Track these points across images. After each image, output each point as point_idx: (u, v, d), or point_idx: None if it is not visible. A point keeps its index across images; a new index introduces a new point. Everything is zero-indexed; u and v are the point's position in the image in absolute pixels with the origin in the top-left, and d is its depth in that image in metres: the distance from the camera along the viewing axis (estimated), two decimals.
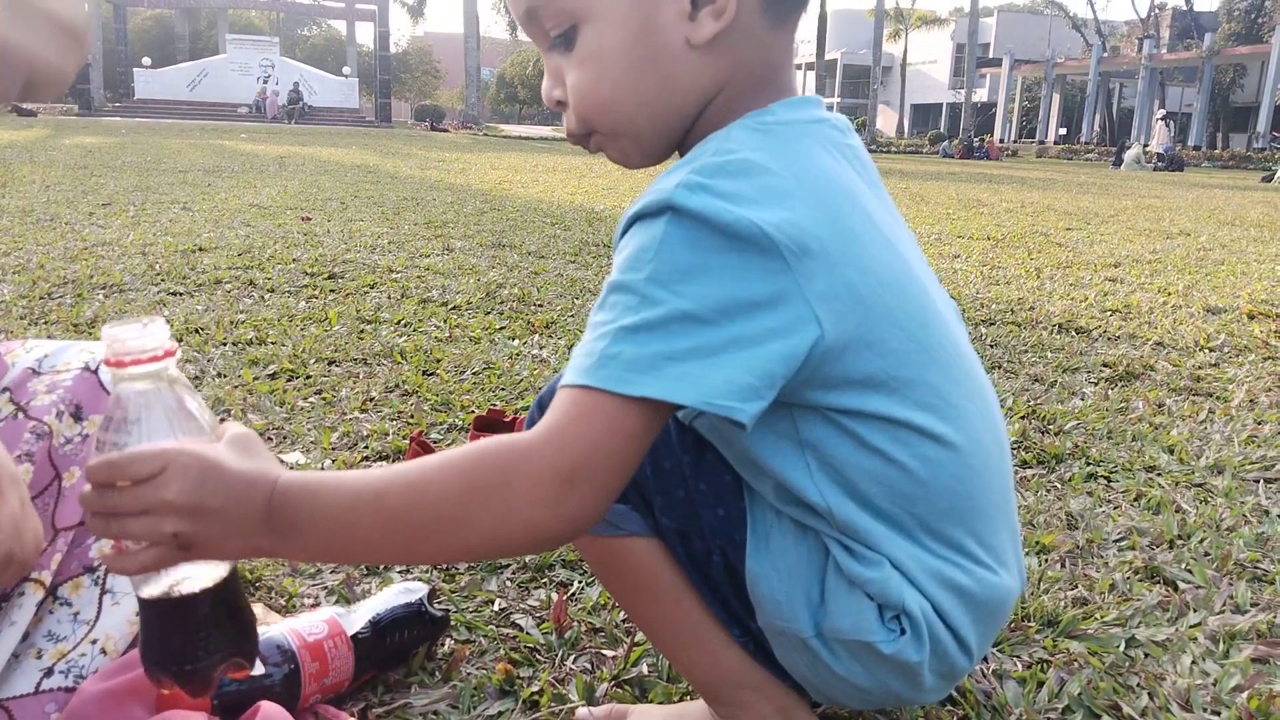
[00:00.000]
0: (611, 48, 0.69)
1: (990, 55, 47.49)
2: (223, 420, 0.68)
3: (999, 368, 2.34)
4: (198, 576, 0.65)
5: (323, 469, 1.49)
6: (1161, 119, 22.86)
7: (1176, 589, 1.24)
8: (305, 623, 0.92)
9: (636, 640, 1.04)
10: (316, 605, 1.11)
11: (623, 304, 0.62)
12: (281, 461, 1.51)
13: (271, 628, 0.91)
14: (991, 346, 2.56)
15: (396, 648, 0.97)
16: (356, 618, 0.96)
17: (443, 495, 0.61)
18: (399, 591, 1.01)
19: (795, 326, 0.63)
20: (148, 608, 0.65)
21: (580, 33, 0.69)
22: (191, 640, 0.65)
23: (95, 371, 0.97)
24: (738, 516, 0.74)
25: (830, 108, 0.80)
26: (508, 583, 1.18)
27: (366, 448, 1.61)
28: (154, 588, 0.64)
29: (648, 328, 0.61)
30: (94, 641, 0.88)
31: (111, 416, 0.63)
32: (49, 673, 0.85)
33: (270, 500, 0.62)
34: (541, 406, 0.81)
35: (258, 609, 1.02)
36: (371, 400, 1.88)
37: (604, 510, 0.62)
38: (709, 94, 0.71)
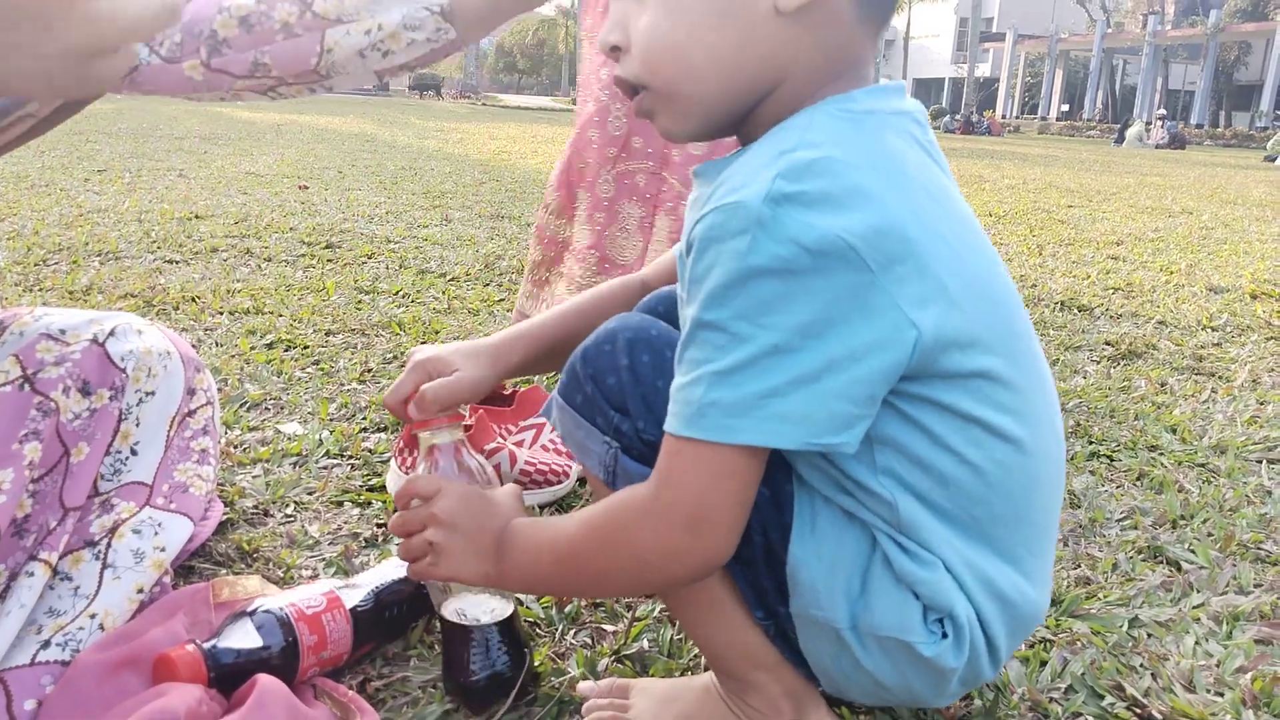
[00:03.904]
0: None
1: (993, 30, 47.13)
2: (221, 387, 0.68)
3: None
4: (491, 610, 0.88)
5: (320, 440, 1.48)
6: (1160, 118, 23.18)
7: (1179, 569, 1.23)
8: (303, 595, 0.91)
9: (637, 615, 1.04)
10: (315, 577, 1.10)
11: (712, 343, 0.62)
12: (279, 431, 1.50)
13: (269, 599, 0.90)
14: None
15: (395, 621, 0.97)
16: (355, 591, 0.95)
17: (589, 554, 0.71)
18: (398, 565, 1.00)
19: (891, 338, 0.62)
20: (450, 630, 0.89)
21: None
22: (469, 658, 0.87)
23: (103, 344, 0.95)
24: (783, 499, 0.72)
25: None
26: None
27: (364, 419, 1.60)
28: (464, 613, 0.88)
29: (740, 368, 0.61)
30: (93, 616, 0.87)
31: (423, 461, 0.89)
32: (45, 644, 0.84)
33: (500, 536, 0.77)
34: (571, 371, 0.80)
35: (255, 581, 1.01)
36: (369, 371, 1.86)
37: (734, 542, 0.68)
38: (783, 69, 0.68)
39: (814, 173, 0.62)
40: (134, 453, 0.97)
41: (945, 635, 0.71)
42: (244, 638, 0.86)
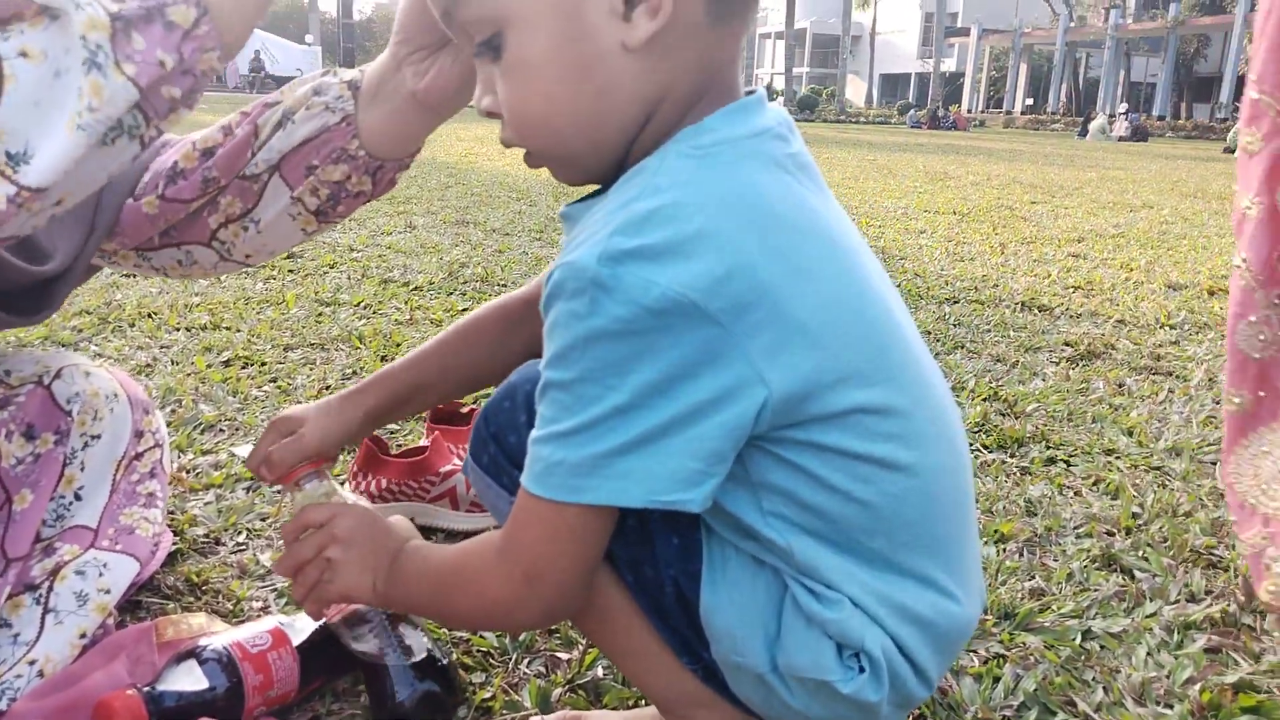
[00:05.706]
0: (539, 56, 0.64)
1: (958, 25, 47.53)
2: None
3: (961, 348, 2.34)
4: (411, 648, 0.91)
5: None
6: (1123, 113, 23.72)
7: (1133, 578, 1.24)
8: (249, 633, 0.90)
9: (591, 644, 1.03)
10: (266, 609, 1.08)
11: (559, 403, 0.62)
12: (233, 454, 1.47)
13: (214, 639, 0.89)
14: (955, 326, 2.56)
15: (344, 655, 0.95)
16: (303, 625, 0.93)
17: (450, 590, 0.74)
18: None
19: (737, 391, 0.61)
20: (370, 667, 0.91)
21: (506, 40, 0.64)
22: (393, 686, 0.89)
23: (48, 387, 0.93)
24: (693, 547, 0.71)
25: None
26: None
27: None
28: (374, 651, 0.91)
29: (584, 429, 0.61)
30: (32, 663, 0.86)
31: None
32: None
33: (394, 556, 0.78)
34: (476, 430, 0.79)
35: (200, 618, 0.99)
36: (328, 388, 1.84)
37: (576, 596, 0.70)
38: (651, 103, 0.66)
39: (655, 223, 0.60)
40: (78, 498, 0.95)
41: (862, 670, 0.70)
42: (187, 680, 0.85)
